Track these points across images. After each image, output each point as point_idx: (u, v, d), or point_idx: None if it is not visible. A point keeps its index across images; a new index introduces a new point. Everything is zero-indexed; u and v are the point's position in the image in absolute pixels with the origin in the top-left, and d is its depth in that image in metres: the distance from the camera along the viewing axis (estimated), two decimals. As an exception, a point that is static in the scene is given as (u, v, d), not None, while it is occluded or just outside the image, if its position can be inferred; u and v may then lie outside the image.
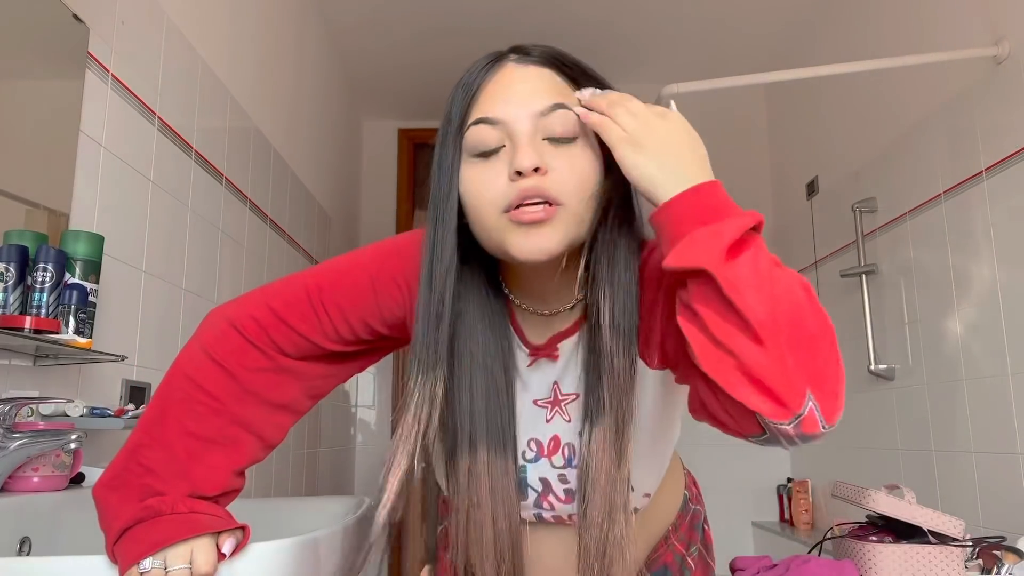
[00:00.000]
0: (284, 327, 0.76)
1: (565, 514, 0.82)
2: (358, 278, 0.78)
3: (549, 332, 0.80)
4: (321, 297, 0.77)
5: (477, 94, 0.72)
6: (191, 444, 0.71)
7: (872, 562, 1.52)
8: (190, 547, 0.64)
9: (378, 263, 0.79)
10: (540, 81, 0.71)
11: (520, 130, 0.68)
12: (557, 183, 0.67)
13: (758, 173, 3.61)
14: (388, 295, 0.78)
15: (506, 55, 0.74)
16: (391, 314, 0.79)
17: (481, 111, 0.71)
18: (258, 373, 0.75)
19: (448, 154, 0.72)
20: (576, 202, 0.68)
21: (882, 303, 2.52)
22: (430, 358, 0.72)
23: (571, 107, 0.70)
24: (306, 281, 0.78)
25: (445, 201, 0.71)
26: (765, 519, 3.35)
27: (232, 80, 2.08)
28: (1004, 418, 1.90)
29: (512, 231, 0.68)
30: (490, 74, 0.72)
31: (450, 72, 3.53)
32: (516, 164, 0.67)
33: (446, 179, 0.72)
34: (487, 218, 0.69)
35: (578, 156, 0.69)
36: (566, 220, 0.68)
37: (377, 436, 3.66)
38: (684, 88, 1.93)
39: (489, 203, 0.68)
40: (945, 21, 2.19)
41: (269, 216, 2.40)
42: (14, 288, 1.09)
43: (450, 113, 0.73)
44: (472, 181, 0.70)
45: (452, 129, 0.72)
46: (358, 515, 0.91)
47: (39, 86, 1.31)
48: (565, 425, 0.80)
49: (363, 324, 0.79)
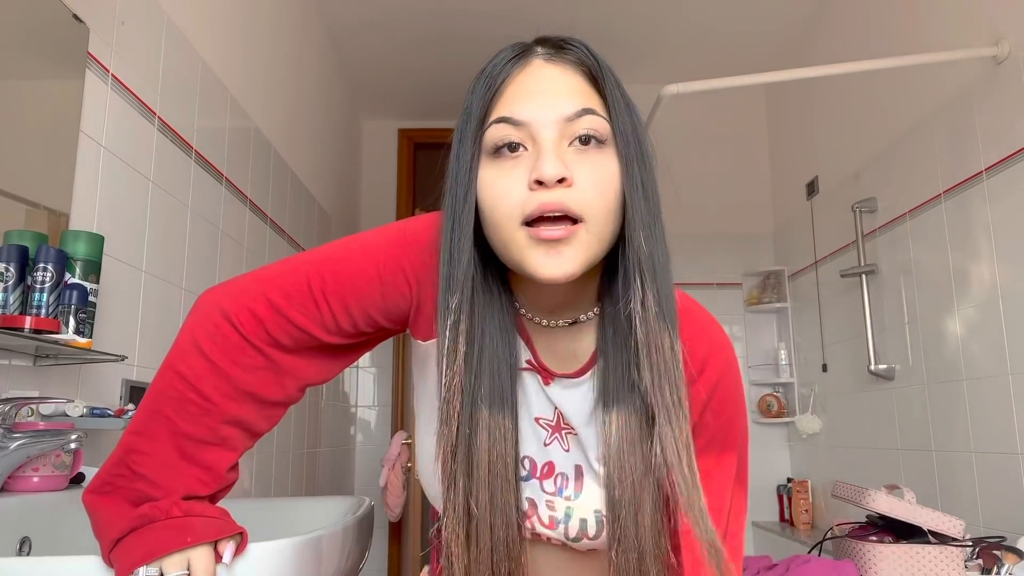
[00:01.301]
0: (283, 320, 0.72)
1: (546, 537, 0.79)
2: (364, 268, 0.73)
3: (558, 345, 0.77)
4: (324, 288, 0.72)
5: (501, 89, 0.68)
6: (183, 445, 0.69)
7: (872, 562, 1.52)
8: (187, 555, 0.63)
9: (385, 252, 0.74)
10: (568, 82, 0.67)
11: (545, 135, 0.65)
12: (581, 198, 0.64)
13: (758, 173, 3.61)
14: (395, 288, 0.74)
15: (532, 48, 0.70)
16: (395, 307, 0.75)
17: (504, 109, 0.67)
18: (253, 372, 0.72)
19: (466, 152, 0.68)
20: (599, 217, 0.65)
21: (882, 303, 2.52)
22: (451, 359, 0.69)
23: (599, 113, 0.66)
24: (308, 270, 0.73)
25: (463, 203, 0.67)
26: (765, 519, 3.35)
27: (232, 80, 2.08)
28: (1004, 418, 1.90)
29: (531, 249, 0.64)
30: (515, 68, 0.68)
31: (450, 72, 3.52)
32: (539, 173, 0.63)
33: (463, 179, 0.68)
34: (504, 229, 0.65)
35: (602, 165, 0.66)
36: (587, 240, 0.64)
37: (377, 436, 3.66)
38: (684, 88, 1.93)
39: (506, 213, 0.65)
40: (945, 21, 2.19)
41: (269, 216, 2.40)
42: (14, 288, 1.09)
43: (469, 107, 0.69)
44: (490, 186, 0.66)
45: (472, 125, 0.68)
46: (358, 515, 0.91)
47: (39, 86, 1.31)
48: (563, 454, 0.77)
49: (366, 316, 0.74)
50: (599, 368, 0.74)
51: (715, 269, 3.52)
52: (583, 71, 0.69)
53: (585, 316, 0.75)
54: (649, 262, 0.67)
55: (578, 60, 0.69)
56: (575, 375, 0.76)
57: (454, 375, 0.69)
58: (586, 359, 0.76)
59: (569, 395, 0.76)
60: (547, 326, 0.75)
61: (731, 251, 3.54)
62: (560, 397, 0.76)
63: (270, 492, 2.37)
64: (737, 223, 3.57)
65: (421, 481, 0.83)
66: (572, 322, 0.75)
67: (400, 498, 3.17)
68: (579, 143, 0.65)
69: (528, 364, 0.76)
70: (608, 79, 0.68)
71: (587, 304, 0.75)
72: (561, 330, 0.76)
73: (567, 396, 0.76)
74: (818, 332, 3.03)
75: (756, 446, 3.44)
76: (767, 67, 3.34)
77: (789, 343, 3.33)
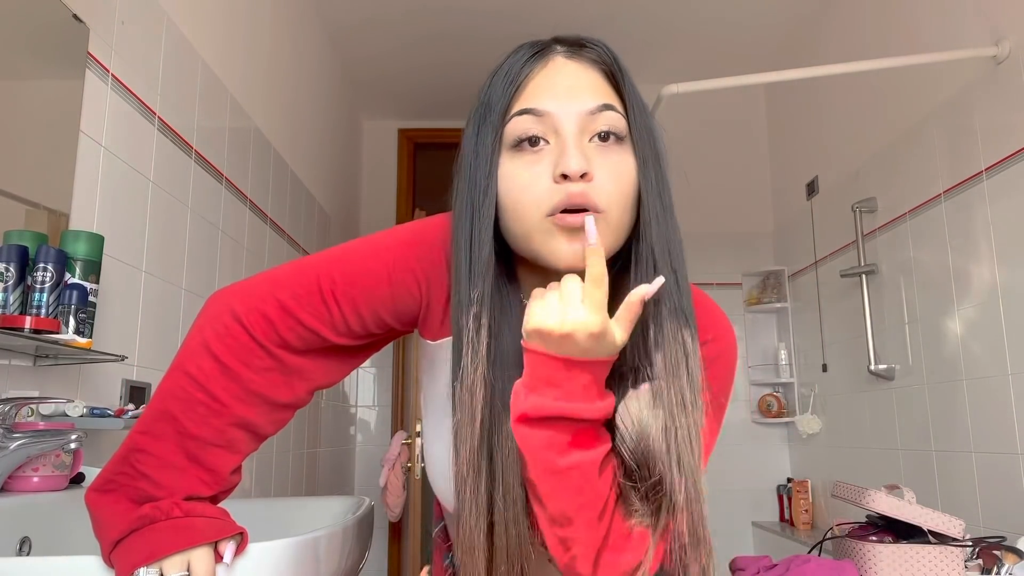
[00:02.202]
0: (293, 321, 0.72)
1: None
2: (374, 269, 0.74)
3: None
4: (334, 290, 0.73)
5: (524, 84, 0.69)
6: (189, 446, 0.69)
7: (872, 562, 1.52)
8: (187, 556, 0.63)
9: (395, 254, 0.74)
10: (589, 78, 0.69)
11: (568, 128, 0.67)
12: (602, 192, 0.66)
13: (758, 173, 3.61)
14: (405, 289, 0.74)
15: (551, 46, 0.71)
16: (405, 307, 0.75)
17: (526, 102, 0.68)
18: (263, 373, 0.72)
19: (487, 145, 0.69)
20: (618, 210, 0.67)
21: (882, 303, 2.52)
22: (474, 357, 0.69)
23: (618, 109, 0.69)
24: (318, 271, 0.74)
25: (483, 195, 0.68)
26: (765, 519, 3.35)
27: (232, 80, 2.08)
28: (1004, 418, 1.90)
29: (556, 236, 0.66)
30: (537, 65, 0.70)
31: (451, 72, 3.52)
32: (564, 167, 0.65)
33: (483, 172, 0.68)
34: (528, 219, 0.67)
35: (621, 162, 0.68)
36: (606, 232, 0.67)
37: (377, 436, 3.66)
38: (684, 88, 1.93)
39: (532, 204, 0.66)
40: (945, 21, 2.19)
41: (269, 216, 2.40)
42: (14, 288, 1.09)
43: (488, 101, 0.70)
44: (512, 178, 0.67)
45: (493, 118, 0.69)
46: (358, 515, 0.91)
47: (39, 86, 1.31)
48: None
49: (375, 318, 0.75)
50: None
51: (715, 269, 3.52)
52: (602, 69, 0.71)
53: None
54: (664, 254, 0.70)
55: (598, 58, 0.71)
56: None
57: (477, 367, 0.69)
58: None
59: None
60: None
61: (731, 251, 3.54)
62: None
63: (270, 492, 2.37)
64: (737, 223, 3.57)
65: (431, 479, 0.83)
66: None
67: (400, 498, 3.17)
68: (599, 139, 0.68)
69: None
70: (627, 78, 0.71)
71: None
72: None
73: None
74: (818, 332, 3.03)
75: (756, 446, 3.45)
76: (767, 67, 3.34)
77: (789, 343, 3.33)
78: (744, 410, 3.46)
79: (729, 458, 3.36)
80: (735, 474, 3.36)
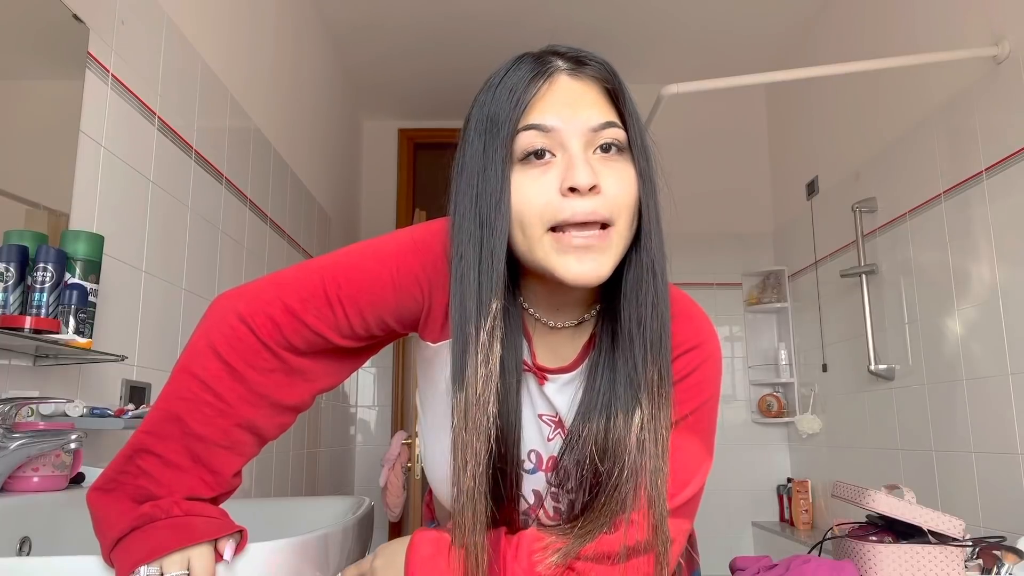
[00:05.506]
0: (298, 323, 0.74)
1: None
2: (379, 273, 0.75)
3: (555, 345, 0.80)
4: (339, 293, 0.74)
5: (531, 102, 0.71)
6: (194, 447, 0.70)
7: (872, 562, 1.52)
8: (187, 554, 0.64)
9: (399, 258, 0.76)
10: (592, 97, 0.72)
11: (574, 144, 0.69)
12: (610, 204, 0.68)
13: (758, 173, 3.61)
14: (408, 293, 0.76)
15: (554, 62, 0.73)
16: (408, 311, 0.77)
17: (533, 119, 0.70)
18: (267, 375, 0.73)
19: (497, 162, 0.70)
20: (625, 221, 0.70)
21: (882, 303, 2.52)
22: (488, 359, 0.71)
23: (619, 125, 0.71)
24: (323, 275, 0.75)
25: (495, 210, 0.70)
26: (765, 519, 3.35)
27: (232, 80, 2.08)
28: (1004, 418, 1.90)
29: (560, 254, 0.68)
30: (543, 84, 0.71)
31: (450, 73, 3.52)
32: (572, 180, 0.67)
33: (495, 185, 0.70)
34: (532, 231, 0.69)
35: (624, 172, 0.71)
36: (616, 243, 0.69)
37: (377, 436, 3.66)
38: (684, 88, 1.93)
39: (537, 216, 0.68)
40: (945, 21, 2.19)
41: (269, 216, 2.40)
42: (14, 288, 1.09)
43: (495, 117, 0.71)
44: (518, 191, 0.69)
45: (503, 134, 0.70)
46: (358, 515, 0.91)
47: (39, 86, 1.31)
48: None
49: (378, 321, 0.77)
50: (595, 362, 0.78)
51: (715, 269, 3.52)
52: (603, 86, 0.73)
53: (588, 315, 0.79)
54: (661, 263, 0.74)
55: (599, 75, 0.73)
56: (568, 369, 0.80)
57: (489, 374, 0.71)
58: (577, 352, 0.80)
59: (563, 395, 0.80)
60: (553, 327, 0.79)
61: (731, 251, 3.54)
62: (555, 397, 0.80)
63: (270, 492, 2.37)
64: (737, 223, 3.57)
65: (431, 480, 0.85)
66: (578, 323, 0.79)
67: (400, 498, 3.17)
68: (601, 151, 0.70)
69: (525, 366, 0.79)
70: (626, 94, 0.74)
71: (589, 303, 0.79)
72: (566, 330, 0.79)
73: (561, 397, 0.80)
74: (818, 332, 3.03)
75: (756, 446, 3.45)
76: (767, 67, 3.34)
77: (789, 343, 3.33)
78: (744, 410, 3.46)
79: (729, 458, 3.36)
80: (735, 474, 3.36)
